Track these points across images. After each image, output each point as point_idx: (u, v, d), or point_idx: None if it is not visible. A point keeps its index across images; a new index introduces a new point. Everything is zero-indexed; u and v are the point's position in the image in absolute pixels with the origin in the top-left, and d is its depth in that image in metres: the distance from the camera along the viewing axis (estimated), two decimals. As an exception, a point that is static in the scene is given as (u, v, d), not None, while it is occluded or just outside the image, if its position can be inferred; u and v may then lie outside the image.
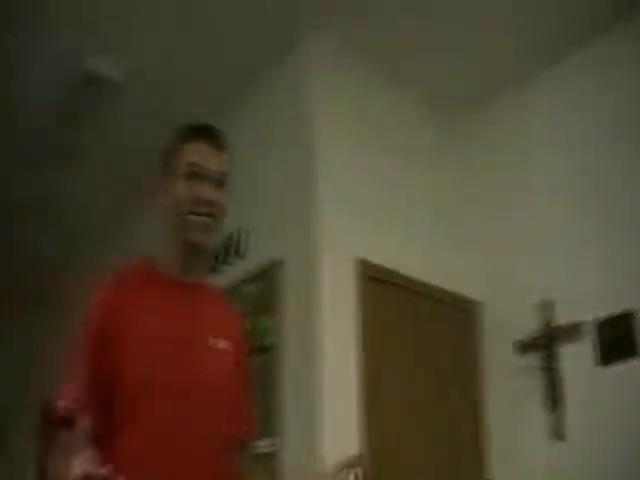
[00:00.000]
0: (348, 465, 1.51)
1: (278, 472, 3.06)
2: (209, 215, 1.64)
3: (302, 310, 3.27)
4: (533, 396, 3.44)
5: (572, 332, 3.39)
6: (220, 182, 1.66)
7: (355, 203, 3.53)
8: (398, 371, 3.40)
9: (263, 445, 3.16)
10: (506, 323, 3.69)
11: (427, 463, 3.34)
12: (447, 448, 3.48)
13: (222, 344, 1.63)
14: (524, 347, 3.55)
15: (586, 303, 3.34)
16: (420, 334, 3.58)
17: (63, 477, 1.28)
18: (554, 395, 3.39)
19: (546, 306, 3.50)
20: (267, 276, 3.52)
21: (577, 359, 3.35)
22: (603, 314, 3.27)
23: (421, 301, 3.62)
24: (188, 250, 1.68)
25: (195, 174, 1.64)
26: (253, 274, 3.62)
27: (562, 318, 3.43)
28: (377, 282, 3.44)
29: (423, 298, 3.63)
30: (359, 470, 1.49)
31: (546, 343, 3.48)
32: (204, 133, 1.70)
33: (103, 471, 1.25)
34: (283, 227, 3.56)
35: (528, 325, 3.54)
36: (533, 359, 3.49)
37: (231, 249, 3.84)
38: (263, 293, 3.52)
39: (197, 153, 1.65)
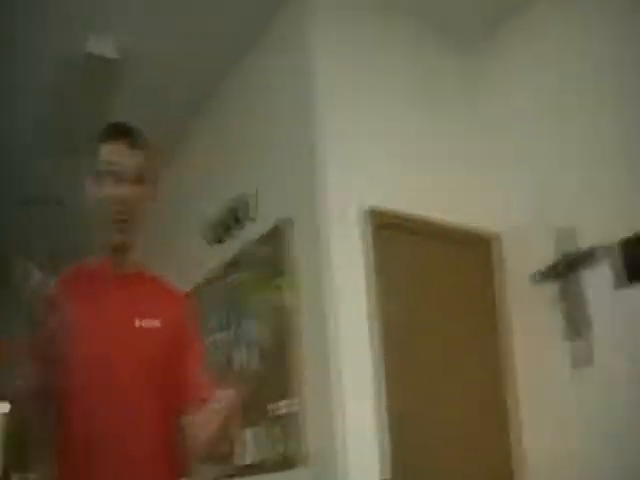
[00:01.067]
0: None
1: (298, 433, 3.14)
2: (123, 216, 1.69)
3: (314, 268, 3.28)
4: (555, 327, 3.38)
5: (590, 256, 3.30)
6: (137, 179, 1.70)
7: (358, 152, 3.47)
8: (415, 317, 3.37)
9: (282, 406, 3.25)
10: (524, 255, 3.61)
11: (451, 407, 3.34)
12: (471, 390, 3.46)
13: (150, 323, 1.73)
14: (543, 276, 3.47)
15: (604, 228, 3.22)
16: (436, 275, 3.54)
17: None
18: (578, 320, 3.33)
19: (564, 234, 3.40)
20: (278, 236, 3.54)
21: (598, 283, 3.26)
22: (624, 236, 3.15)
23: (434, 242, 3.55)
24: (113, 248, 1.75)
25: (109, 172, 1.68)
26: (264, 235, 3.65)
27: (581, 244, 3.32)
28: (388, 229, 3.40)
29: (436, 238, 3.56)
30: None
31: (565, 270, 3.39)
32: (118, 132, 1.74)
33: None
34: (291, 186, 3.56)
35: (548, 255, 3.44)
36: (553, 289, 3.42)
37: (241, 212, 3.87)
38: (275, 254, 3.54)
39: (112, 152, 1.70)
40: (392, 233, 3.42)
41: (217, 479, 3.79)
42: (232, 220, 3.93)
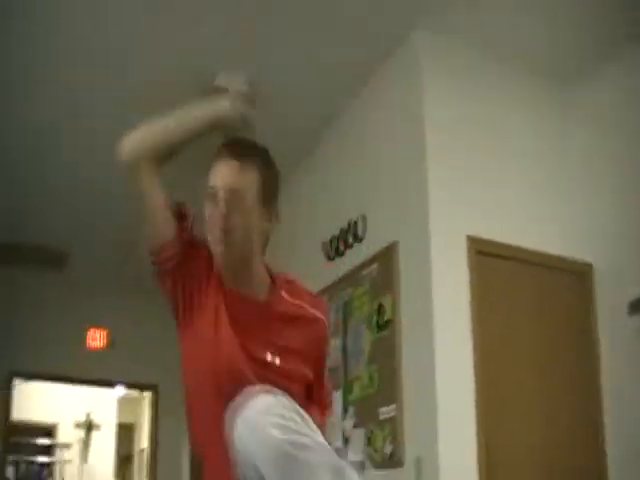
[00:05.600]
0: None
1: (399, 434, 3.49)
2: (222, 241, 1.62)
3: (417, 287, 3.60)
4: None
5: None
6: (234, 200, 1.60)
7: (463, 183, 3.76)
8: (511, 339, 3.63)
9: (386, 411, 3.61)
10: (619, 284, 3.79)
11: (544, 431, 3.57)
12: (564, 416, 3.67)
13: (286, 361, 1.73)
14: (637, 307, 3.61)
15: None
16: (532, 302, 3.77)
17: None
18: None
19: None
20: (384, 257, 3.90)
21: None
22: None
23: (532, 270, 3.80)
24: (225, 267, 1.69)
25: (212, 197, 1.63)
26: (371, 256, 4.02)
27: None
28: (488, 256, 3.67)
29: (533, 266, 3.80)
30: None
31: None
32: (226, 151, 1.65)
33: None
34: (398, 211, 3.89)
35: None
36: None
37: (350, 234, 4.27)
38: (381, 274, 3.90)
39: (216, 174, 1.64)
40: (492, 260, 3.68)
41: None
42: (344, 240, 4.33)
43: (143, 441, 14.88)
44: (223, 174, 1.62)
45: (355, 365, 4.03)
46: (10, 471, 8.62)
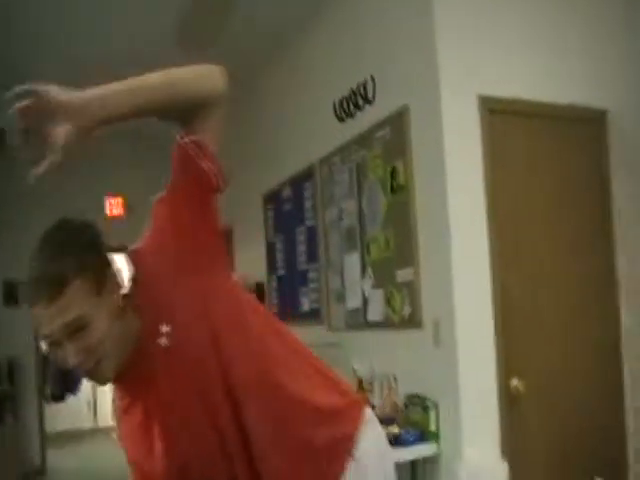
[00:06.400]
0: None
1: (416, 296, 3.64)
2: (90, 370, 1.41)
3: (430, 151, 3.58)
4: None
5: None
6: (77, 329, 1.36)
7: (472, 42, 3.60)
8: (525, 197, 3.63)
9: (403, 274, 3.73)
10: (635, 128, 3.76)
11: (558, 293, 3.66)
12: (578, 278, 3.73)
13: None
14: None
15: None
16: (547, 157, 3.72)
17: None
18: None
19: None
20: (395, 121, 3.86)
21: None
22: None
23: (546, 123, 3.72)
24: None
25: (51, 344, 1.39)
26: (383, 119, 3.98)
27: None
28: (500, 114, 3.58)
29: (547, 119, 3.71)
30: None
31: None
32: (32, 293, 1.37)
33: None
34: (407, 73, 3.79)
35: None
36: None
37: (360, 95, 4.20)
38: (393, 137, 3.89)
39: (40, 323, 1.37)
40: (503, 117, 3.60)
41: (349, 330, 4.42)
42: (353, 101, 4.28)
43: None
44: (47, 322, 1.35)
45: (371, 227, 4.12)
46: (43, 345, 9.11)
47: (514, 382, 3.45)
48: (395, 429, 3.43)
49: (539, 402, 3.53)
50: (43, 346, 1.42)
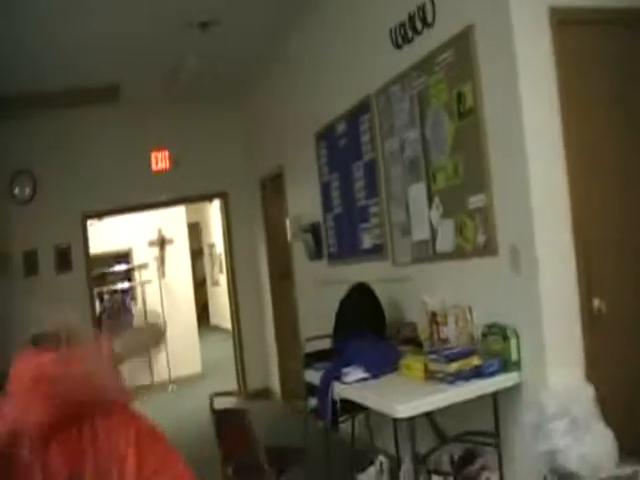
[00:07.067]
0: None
1: (490, 222, 3.52)
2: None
3: (500, 71, 3.41)
4: None
5: None
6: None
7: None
8: (602, 114, 3.46)
9: (476, 201, 3.61)
10: None
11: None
12: None
13: None
14: None
15: None
16: (622, 72, 3.54)
17: None
18: None
19: None
20: (459, 42, 3.68)
21: None
22: None
23: (621, 33, 3.52)
24: None
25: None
26: (445, 42, 3.81)
27: None
28: (572, 25, 3.39)
29: (622, 28, 3.52)
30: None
31: None
32: None
33: None
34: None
35: None
36: None
37: (419, 19, 4.03)
38: (457, 60, 3.72)
39: None
40: (576, 28, 3.42)
41: (416, 263, 4.33)
42: (412, 26, 4.10)
43: (210, 237, 16.34)
44: None
45: (437, 155, 3.98)
46: (97, 304, 9.27)
47: (596, 303, 3.34)
48: (475, 360, 3.35)
49: (622, 322, 3.42)
50: None
